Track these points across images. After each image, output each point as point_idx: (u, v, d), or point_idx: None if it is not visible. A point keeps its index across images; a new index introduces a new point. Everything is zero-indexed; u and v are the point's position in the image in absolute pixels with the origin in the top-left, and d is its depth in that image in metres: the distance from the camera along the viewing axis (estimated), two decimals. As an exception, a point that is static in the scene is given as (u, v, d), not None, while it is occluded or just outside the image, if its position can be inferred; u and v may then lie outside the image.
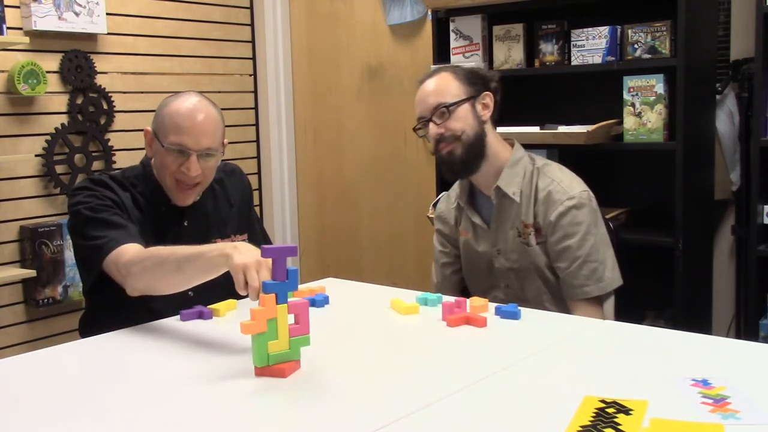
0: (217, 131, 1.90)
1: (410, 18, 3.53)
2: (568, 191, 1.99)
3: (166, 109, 1.88)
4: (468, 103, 2.02)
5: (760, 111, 2.50)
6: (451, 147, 2.01)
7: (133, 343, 1.60)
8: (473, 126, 2.01)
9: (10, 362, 1.50)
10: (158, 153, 1.90)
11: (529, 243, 2.02)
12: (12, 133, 3.01)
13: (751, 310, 2.56)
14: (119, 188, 1.92)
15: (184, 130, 1.84)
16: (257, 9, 3.90)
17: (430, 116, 2.02)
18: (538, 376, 1.33)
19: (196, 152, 1.84)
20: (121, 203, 1.89)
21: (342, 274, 2.49)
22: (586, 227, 1.97)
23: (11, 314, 3.04)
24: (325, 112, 3.95)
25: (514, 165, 2.05)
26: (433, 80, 2.05)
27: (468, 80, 2.04)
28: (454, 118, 2.00)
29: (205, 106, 1.89)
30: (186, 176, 1.86)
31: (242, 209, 2.14)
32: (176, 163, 1.86)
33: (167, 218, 1.96)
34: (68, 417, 1.20)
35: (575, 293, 1.98)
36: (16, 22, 2.97)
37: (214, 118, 1.89)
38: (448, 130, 2.00)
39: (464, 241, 2.17)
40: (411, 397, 1.23)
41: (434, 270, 2.28)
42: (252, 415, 1.20)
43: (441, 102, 2.00)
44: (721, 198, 2.97)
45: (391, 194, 3.74)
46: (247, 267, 1.46)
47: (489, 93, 2.05)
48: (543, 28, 2.83)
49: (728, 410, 1.13)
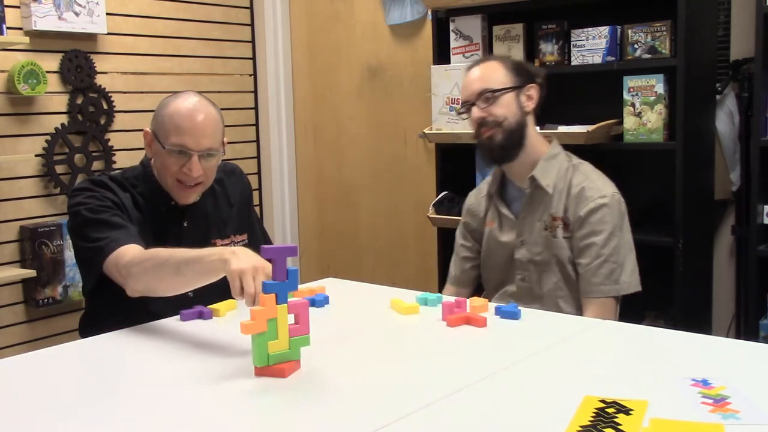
0: (218, 131, 1.90)
1: (410, 18, 3.53)
2: (602, 190, 2.04)
3: (166, 110, 1.87)
4: (513, 92, 2.07)
5: (760, 111, 2.50)
6: (492, 132, 2.06)
7: (133, 343, 1.60)
8: (516, 114, 2.06)
9: (10, 362, 1.50)
10: (159, 154, 1.89)
11: (555, 235, 2.05)
12: (12, 133, 3.01)
13: (751, 310, 2.56)
14: (119, 189, 1.92)
15: (184, 130, 1.83)
16: (257, 9, 3.90)
17: (475, 100, 2.06)
18: (538, 376, 1.33)
19: (197, 153, 1.84)
20: (121, 204, 1.89)
21: (342, 274, 2.49)
22: (612, 227, 2.01)
23: (11, 314, 3.04)
24: (325, 112, 3.95)
25: (551, 159, 2.09)
26: (480, 66, 2.10)
27: (515, 70, 2.09)
28: (498, 104, 2.05)
29: (204, 106, 1.89)
30: (188, 177, 1.86)
31: (242, 209, 2.14)
32: (178, 164, 1.86)
33: (167, 218, 1.96)
34: (68, 417, 1.20)
35: (591, 291, 2.00)
36: (16, 22, 2.97)
37: (214, 118, 1.89)
38: (490, 115, 2.05)
39: (488, 231, 2.20)
40: (411, 397, 1.23)
41: (453, 262, 2.30)
42: (252, 415, 1.20)
43: (486, 87, 2.05)
44: (721, 198, 2.97)
45: (391, 194, 3.74)
46: (243, 273, 1.47)
47: (534, 85, 2.10)
48: (543, 28, 2.83)
49: (728, 410, 1.13)
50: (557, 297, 2.07)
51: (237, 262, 1.49)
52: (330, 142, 3.95)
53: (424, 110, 3.29)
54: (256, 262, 1.49)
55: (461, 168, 3.14)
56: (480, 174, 3.06)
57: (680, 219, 2.56)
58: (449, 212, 3.04)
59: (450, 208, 3.05)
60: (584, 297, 2.02)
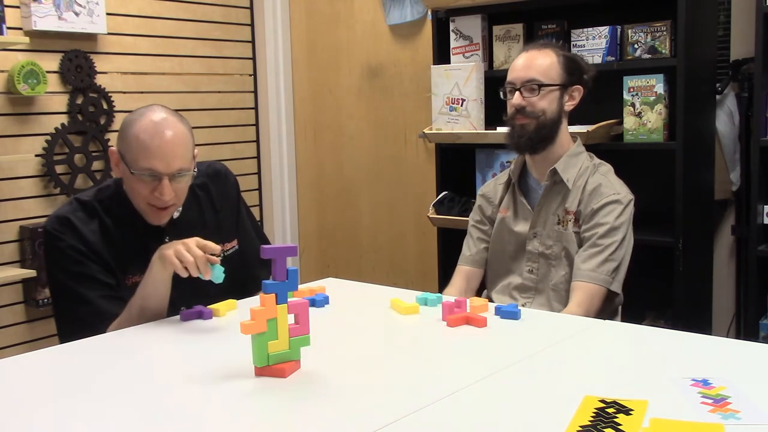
0: (188, 149, 1.79)
1: (410, 18, 3.53)
2: (617, 189, 2.06)
3: (132, 129, 1.75)
4: (559, 90, 2.07)
5: (760, 111, 2.50)
6: (526, 121, 2.07)
7: (133, 343, 1.60)
8: (554, 111, 2.07)
9: (10, 362, 1.50)
10: (127, 178, 1.79)
11: (566, 229, 2.06)
12: (12, 133, 3.01)
13: (751, 310, 2.56)
14: (85, 221, 1.81)
15: (153, 154, 1.72)
16: (257, 9, 3.90)
17: (520, 86, 2.07)
18: (538, 376, 1.33)
19: (167, 176, 1.74)
20: (85, 250, 1.79)
21: (342, 274, 2.49)
22: (619, 224, 2.02)
23: (11, 314, 3.04)
24: (325, 112, 3.95)
25: (574, 156, 2.10)
26: (535, 53, 2.09)
27: (568, 68, 2.09)
28: (541, 97, 2.05)
29: (172, 123, 1.77)
30: (159, 200, 1.76)
31: (230, 213, 2.04)
32: (148, 188, 1.76)
33: (148, 236, 1.85)
34: (68, 417, 1.20)
35: (579, 274, 2.00)
36: (16, 22, 2.97)
37: (183, 134, 1.78)
38: (530, 105, 2.06)
39: (501, 219, 2.19)
40: (411, 397, 1.23)
41: (468, 243, 2.27)
42: (252, 415, 1.20)
43: (535, 78, 2.05)
44: (721, 198, 2.98)
45: (391, 194, 3.74)
46: (176, 252, 1.65)
47: (580, 87, 2.11)
48: (543, 28, 2.83)
49: (728, 410, 1.13)
50: (563, 290, 2.07)
51: (166, 251, 1.68)
52: (330, 142, 3.95)
53: (424, 110, 3.30)
54: (186, 240, 1.69)
55: (461, 168, 3.13)
56: (480, 174, 3.06)
57: (680, 219, 2.56)
58: (449, 212, 3.04)
59: (450, 208, 3.04)
60: (574, 280, 2.01)
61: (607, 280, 1.98)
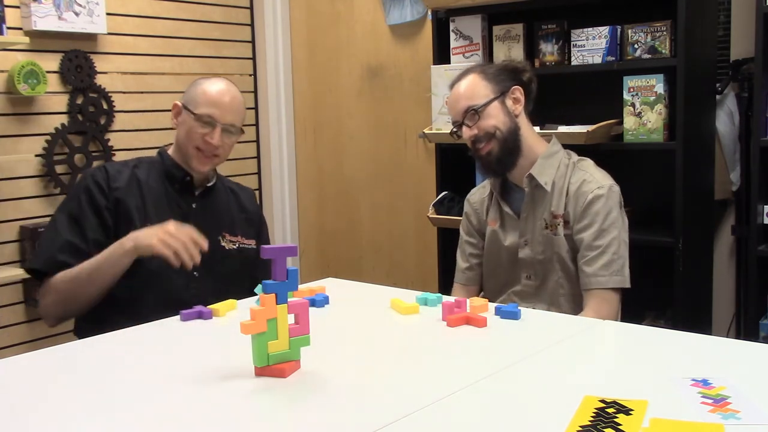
0: (241, 112, 2.11)
1: (410, 18, 3.53)
2: (600, 181, 2.03)
3: (199, 87, 2.07)
4: (497, 101, 2.05)
5: (760, 111, 2.50)
6: (489, 147, 2.04)
7: (133, 344, 1.60)
8: (505, 122, 2.04)
9: (10, 362, 1.50)
10: (185, 122, 2.06)
11: (557, 233, 2.05)
12: (12, 133, 3.01)
13: (751, 310, 2.56)
14: (119, 169, 2.05)
15: (214, 103, 2.04)
16: (257, 9, 3.90)
17: (462, 120, 2.05)
18: (538, 376, 1.32)
19: (221, 125, 2.03)
20: (103, 186, 1.98)
21: (342, 274, 2.49)
22: (611, 219, 2.00)
23: (11, 314, 3.04)
24: (325, 112, 3.95)
25: (549, 157, 2.08)
26: (461, 84, 2.08)
27: (496, 78, 2.07)
28: (485, 117, 2.03)
29: (234, 89, 2.11)
30: (209, 145, 2.02)
31: (253, 219, 2.25)
32: (202, 132, 2.02)
33: (179, 195, 2.08)
34: (68, 417, 1.20)
35: (590, 282, 1.98)
36: (16, 22, 2.98)
37: (240, 101, 2.11)
38: (480, 130, 2.04)
39: (491, 231, 2.18)
40: (411, 397, 1.23)
41: (460, 257, 2.27)
42: (252, 415, 1.20)
43: (470, 105, 2.04)
44: (721, 198, 2.98)
45: (391, 194, 3.74)
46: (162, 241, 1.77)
47: (518, 87, 2.08)
48: (543, 28, 2.83)
49: (728, 410, 1.13)
50: (559, 295, 2.06)
51: (146, 239, 1.80)
52: (330, 142, 3.95)
53: (424, 110, 3.30)
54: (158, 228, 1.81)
55: (461, 168, 3.13)
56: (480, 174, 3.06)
57: (680, 219, 2.56)
58: (449, 212, 3.04)
59: (450, 208, 3.05)
60: (584, 290, 2.00)
61: (618, 281, 1.98)
